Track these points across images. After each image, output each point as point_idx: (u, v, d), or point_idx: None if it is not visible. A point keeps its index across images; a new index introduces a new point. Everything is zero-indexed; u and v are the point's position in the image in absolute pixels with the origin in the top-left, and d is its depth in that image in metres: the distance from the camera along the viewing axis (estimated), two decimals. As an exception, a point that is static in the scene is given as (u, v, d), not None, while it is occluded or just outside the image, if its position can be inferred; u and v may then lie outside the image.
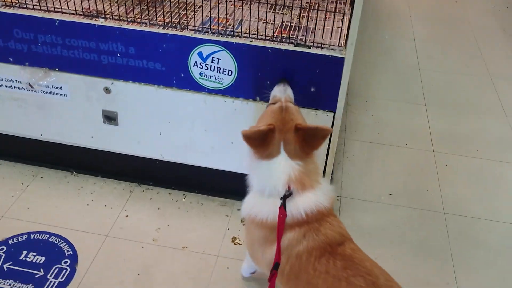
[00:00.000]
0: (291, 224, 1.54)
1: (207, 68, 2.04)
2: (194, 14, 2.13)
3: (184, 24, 2.03)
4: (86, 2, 2.08)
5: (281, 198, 1.54)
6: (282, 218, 1.52)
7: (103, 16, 2.06)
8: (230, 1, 2.19)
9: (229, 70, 2.03)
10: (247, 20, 2.11)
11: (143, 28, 2.02)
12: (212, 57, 2.01)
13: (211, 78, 2.06)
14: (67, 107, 2.28)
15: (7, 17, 2.07)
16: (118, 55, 2.08)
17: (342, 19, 2.07)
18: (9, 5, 2.10)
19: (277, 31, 2.07)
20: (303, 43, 1.97)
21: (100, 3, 2.12)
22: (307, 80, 1.99)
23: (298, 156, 1.56)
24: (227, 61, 2.00)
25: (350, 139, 2.98)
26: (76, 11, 2.07)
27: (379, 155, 2.87)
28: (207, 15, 2.16)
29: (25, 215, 2.28)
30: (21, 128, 2.41)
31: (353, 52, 1.89)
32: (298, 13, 2.21)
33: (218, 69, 2.03)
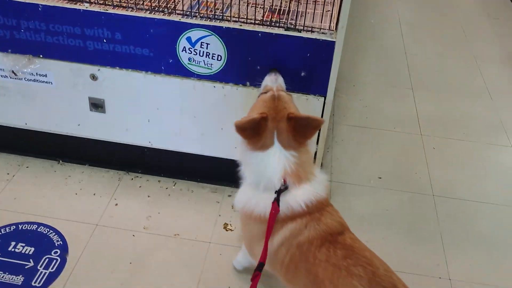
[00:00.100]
0: (292, 216, 1.53)
1: (196, 54, 2.01)
2: (182, -2, 2.09)
3: (171, 8, 1.99)
4: (70, -14, 2.02)
5: (275, 192, 1.53)
6: (274, 214, 1.51)
7: (87, 1, 2.01)
8: (218, -15, 2.15)
9: (218, 55, 2.00)
10: (235, 4, 2.08)
11: (129, 13, 1.98)
12: (201, 42, 1.97)
13: (200, 64, 2.03)
14: (52, 94, 2.22)
15: (-13, 3, 2.01)
16: (104, 41, 2.03)
17: (333, 2, 2.05)
18: (-11, -10, 2.04)
19: (266, 15, 2.04)
20: (293, 27, 1.94)
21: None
22: (298, 65, 1.97)
23: (291, 146, 1.55)
24: (216, 46, 1.97)
25: (339, 124, 2.98)
26: (60, -5, 2.02)
27: (367, 139, 2.88)
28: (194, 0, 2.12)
29: (12, 206, 2.24)
30: (5, 117, 2.36)
31: (343, 35, 1.88)
32: (287, -3, 2.18)
33: (207, 54, 2.00)
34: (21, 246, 2.05)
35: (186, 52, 2.01)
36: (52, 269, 1.97)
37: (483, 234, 2.32)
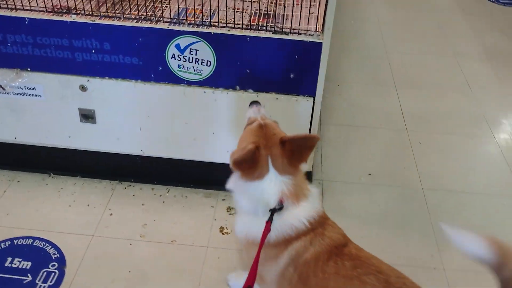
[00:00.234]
0: (296, 235, 1.51)
1: (185, 60, 2.03)
2: (166, 7, 2.11)
3: (158, 16, 2.01)
4: (56, -1, 2.03)
5: (270, 210, 1.51)
6: (265, 234, 1.48)
7: (75, 12, 2.01)
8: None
9: (207, 61, 2.02)
10: (219, 10, 2.11)
11: (117, 23, 1.99)
12: (190, 49, 2.00)
13: (190, 70, 2.05)
14: (41, 107, 2.22)
15: (-28, 18, 2.00)
16: (93, 52, 2.04)
17: (318, 5, 2.09)
18: (-26, 5, 2.03)
19: (252, 20, 2.07)
20: (280, 30, 1.98)
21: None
22: (286, 67, 2.01)
23: (287, 171, 1.52)
24: (205, 51, 2.00)
25: (326, 124, 3.02)
26: (46, 8, 2.02)
27: (355, 138, 2.93)
28: (179, 7, 2.14)
29: (5, 221, 2.22)
30: (-6, 133, 2.34)
31: (330, 36, 1.92)
32: (270, 1, 2.22)
33: (197, 60, 2.02)
34: (17, 261, 2.04)
35: (175, 59, 2.03)
36: (51, 282, 1.96)
37: (472, 223, 2.38)
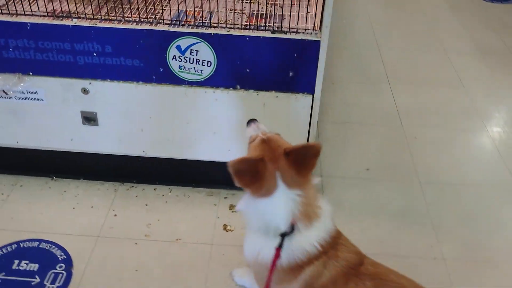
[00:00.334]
0: (308, 260, 1.47)
1: (186, 61, 2.06)
2: (164, 9, 2.14)
3: (158, 18, 2.04)
4: (52, 4, 2.05)
5: (280, 235, 1.46)
6: (275, 259, 1.45)
7: (76, 16, 2.04)
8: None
9: (208, 61, 2.06)
10: (218, 11, 2.15)
11: (118, 26, 2.02)
12: (191, 50, 2.03)
13: (191, 71, 2.09)
14: (43, 111, 2.24)
15: (-26, 24, 2.02)
16: (95, 55, 2.07)
17: (315, 4, 2.14)
18: (-25, 12, 2.05)
19: (250, 20, 2.11)
20: (278, 29, 2.02)
21: (66, 4, 2.09)
22: (286, 65, 2.05)
23: (296, 184, 1.46)
24: (206, 52, 2.03)
25: (323, 121, 3.07)
26: (47, 13, 2.04)
27: (352, 135, 2.98)
28: (178, 9, 2.17)
29: (11, 225, 2.24)
30: (-4, 137, 2.36)
31: (328, 34, 1.97)
32: (266, 1, 2.26)
33: (197, 61, 2.06)
34: (25, 263, 2.05)
35: (176, 60, 2.06)
36: (59, 283, 1.98)
37: (469, 213, 2.45)
